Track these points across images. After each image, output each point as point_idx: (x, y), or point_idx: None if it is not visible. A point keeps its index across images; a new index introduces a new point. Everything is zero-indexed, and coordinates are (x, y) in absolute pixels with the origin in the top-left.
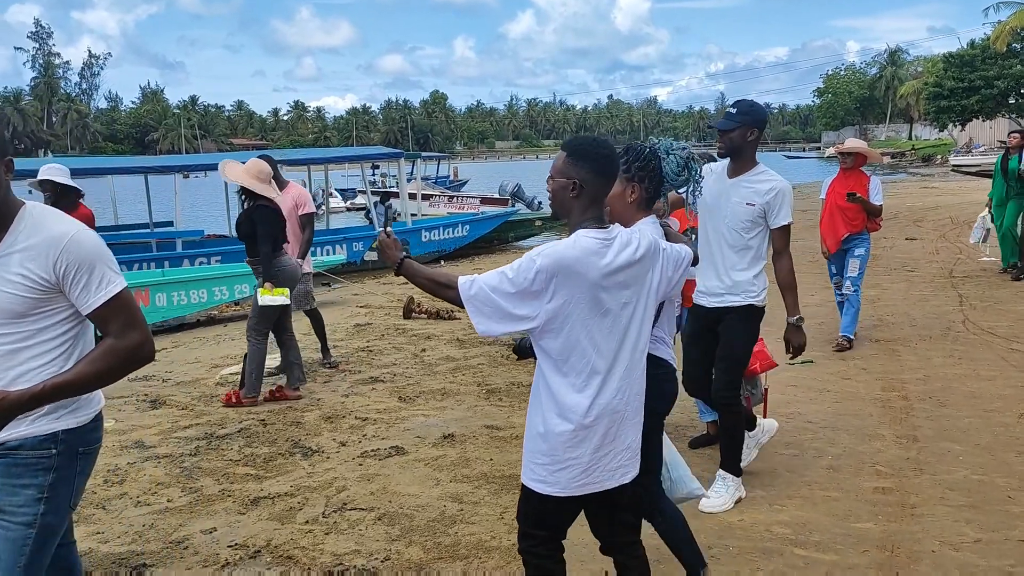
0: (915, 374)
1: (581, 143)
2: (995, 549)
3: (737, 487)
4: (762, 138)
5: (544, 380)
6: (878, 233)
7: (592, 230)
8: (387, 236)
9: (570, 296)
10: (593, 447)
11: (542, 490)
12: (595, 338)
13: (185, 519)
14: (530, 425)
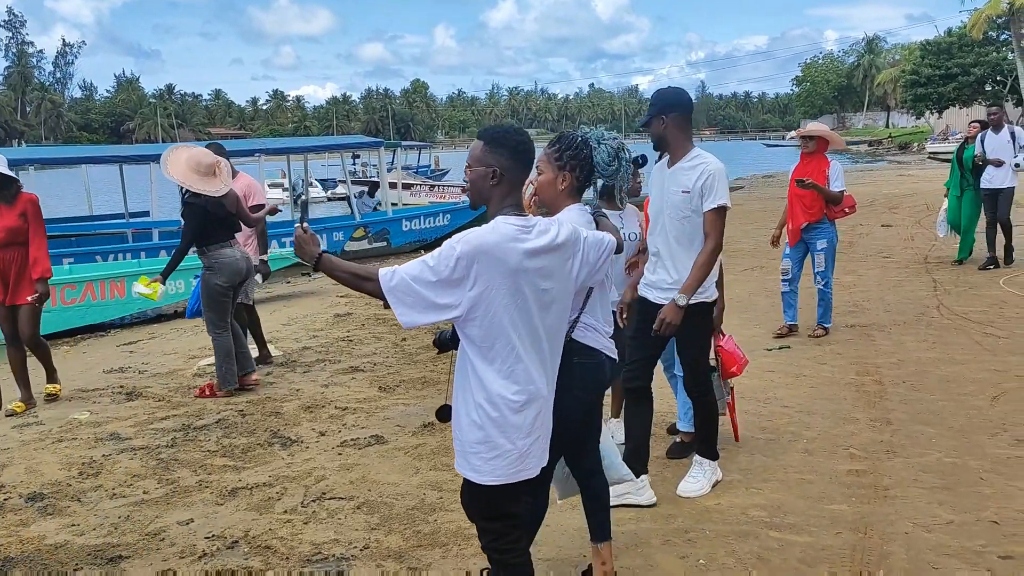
0: (889, 359)
1: (499, 132)
2: (967, 530)
3: (714, 471)
4: (688, 120)
5: (471, 369)
6: (854, 219)
7: (511, 217)
8: (304, 231)
9: (491, 282)
10: (525, 432)
11: (480, 480)
12: (518, 324)
13: (162, 511)
14: (461, 415)
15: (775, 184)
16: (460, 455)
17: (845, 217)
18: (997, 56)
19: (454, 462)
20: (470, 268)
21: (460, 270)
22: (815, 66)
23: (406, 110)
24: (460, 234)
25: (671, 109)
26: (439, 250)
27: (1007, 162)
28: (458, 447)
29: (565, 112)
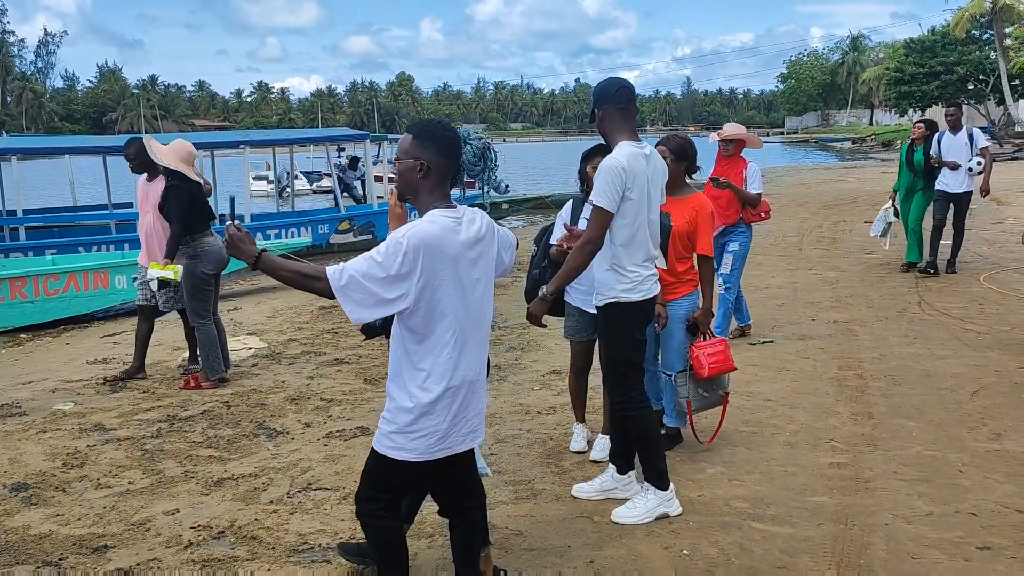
0: (871, 353)
1: (428, 126)
2: (946, 521)
3: (661, 502)
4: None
5: (406, 354)
6: (837, 216)
7: (444, 210)
8: (236, 229)
9: (434, 273)
10: (452, 415)
11: (398, 456)
12: (455, 311)
13: (147, 501)
14: (392, 398)
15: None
16: (383, 432)
17: (761, 222)
18: (980, 55)
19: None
20: (416, 261)
21: (408, 264)
22: (800, 63)
23: (391, 103)
24: (403, 228)
25: (602, 101)
26: (385, 245)
27: (963, 165)
28: (384, 427)
29: (551, 107)
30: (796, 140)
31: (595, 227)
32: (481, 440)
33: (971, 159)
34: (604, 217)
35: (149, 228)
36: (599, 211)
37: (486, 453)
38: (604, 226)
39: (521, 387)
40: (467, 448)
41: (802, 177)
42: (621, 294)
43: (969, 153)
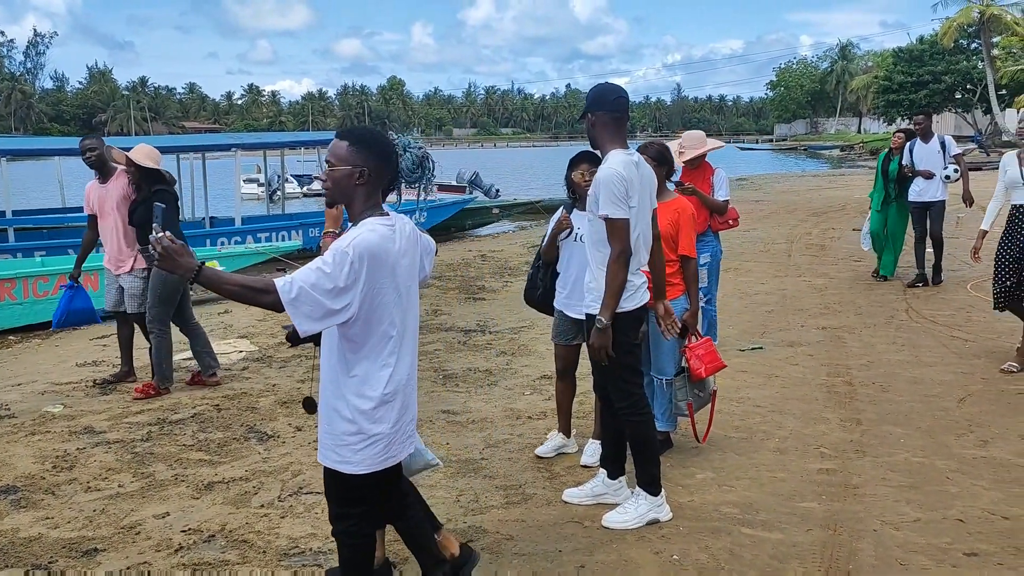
0: (859, 360)
1: (365, 132)
2: (933, 528)
3: (652, 507)
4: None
5: (344, 363)
6: (827, 223)
7: (379, 218)
8: (170, 241)
9: (375, 282)
10: (393, 420)
11: (349, 470)
12: (393, 318)
13: (137, 504)
14: (331, 409)
15: (748, 187)
16: (328, 448)
17: (730, 229)
18: (967, 64)
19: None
20: (361, 271)
21: (353, 274)
22: (789, 71)
23: (382, 107)
24: (346, 238)
25: (598, 107)
26: (331, 256)
27: (937, 174)
28: (326, 440)
29: (541, 112)
30: (785, 147)
31: (620, 238)
32: (416, 444)
33: (946, 167)
34: (623, 225)
35: (113, 231)
36: (616, 222)
37: (476, 457)
38: (626, 234)
39: (512, 392)
40: (407, 454)
41: (791, 184)
42: (623, 303)
43: (942, 161)
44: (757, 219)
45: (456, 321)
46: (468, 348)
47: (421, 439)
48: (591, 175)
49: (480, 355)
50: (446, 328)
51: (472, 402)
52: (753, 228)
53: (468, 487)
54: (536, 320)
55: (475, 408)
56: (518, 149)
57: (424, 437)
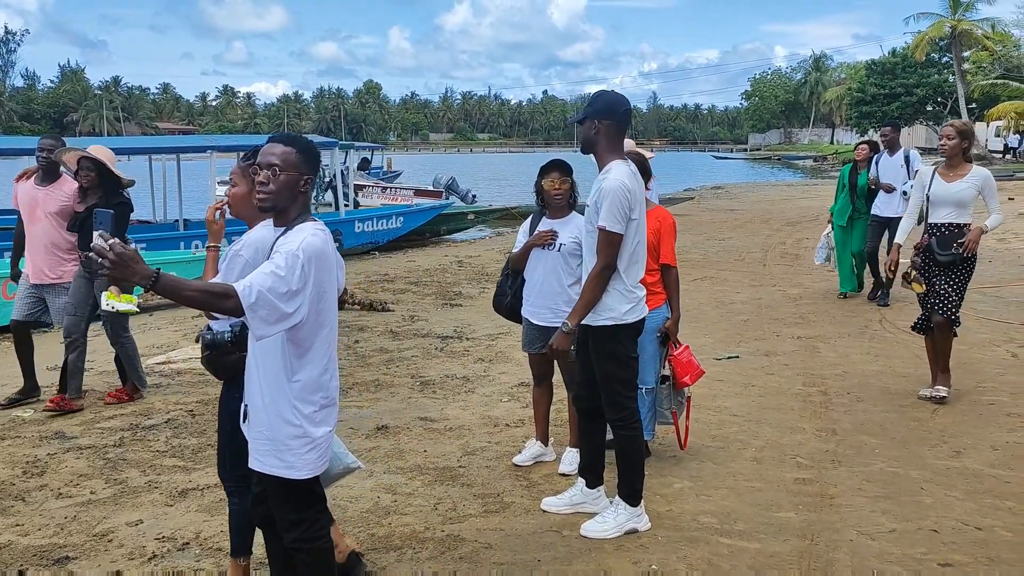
0: (834, 370)
1: (308, 141)
2: (908, 538)
3: (630, 518)
4: (620, 131)
5: (288, 368)
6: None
7: (315, 223)
8: (124, 248)
9: (321, 284)
10: (330, 423)
11: (295, 475)
12: (331, 323)
13: (110, 511)
14: (274, 415)
15: (724, 196)
16: (268, 455)
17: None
18: (939, 78)
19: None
20: (310, 273)
21: (304, 276)
22: (764, 81)
23: (359, 111)
24: (294, 241)
25: (606, 115)
26: (284, 260)
27: (898, 188)
28: (267, 447)
29: (518, 118)
30: (760, 157)
31: (609, 252)
32: (334, 448)
33: (907, 182)
34: (616, 240)
35: (43, 237)
36: (611, 235)
37: (454, 465)
38: (616, 249)
39: (490, 399)
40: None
41: (766, 193)
42: (625, 316)
43: (905, 175)
44: (732, 228)
45: (433, 327)
46: (445, 354)
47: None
48: (562, 183)
49: (457, 362)
50: (423, 334)
51: (449, 409)
52: (728, 237)
53: (446, 495)
54: (513, 327)
55: (452, 415)
56: (495, 154)
57: (401, 444)
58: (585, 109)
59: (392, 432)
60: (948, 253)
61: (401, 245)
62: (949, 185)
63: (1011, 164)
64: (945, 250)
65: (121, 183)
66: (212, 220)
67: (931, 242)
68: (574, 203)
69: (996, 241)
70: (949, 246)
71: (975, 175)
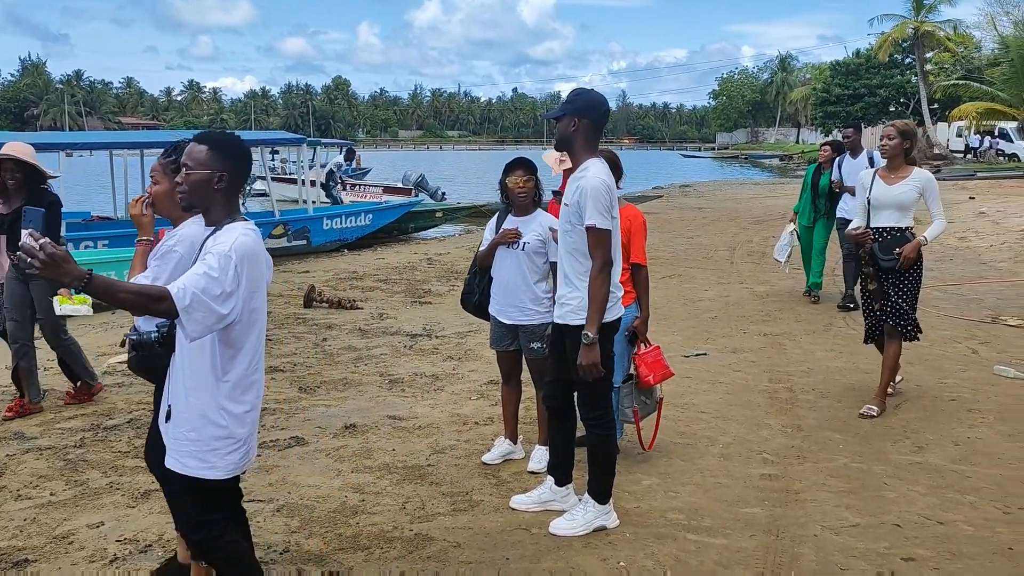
0: (800, 367)
1: (223, 137)
2: (871, 532)
3: (599, 515)
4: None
5: (217, 368)
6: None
7: (245, 222)
8: (54, 248)
9: (253, 284)
10: (251, 422)
11: (216, 475)
12: (262, 322)
13: (70, 513)
14: (199, 416)
15: (692, 194)
16: (189, 455)
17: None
18: (902, 79)
19: (168, 461)
20: (243, 273)
21: (237, 277)
22: (731, 81)
23: (327, 107)
24: (226, 241)
25: (586, 114)
26: (217, 261)
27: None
28: (188, 447)
29: (488, 115)
30: (727, 156)
31: (603, 250)
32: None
33: None
34: (607, 236)
35: None
36: (601, 232)
37: (423, 463)
38: (609, 245)
39: (459, 397)
40: (254, 457)
41: (733, 192)
42: (604, 315)
43: None
44: (700, 226)
45: (402, 325)
46: (414, 352)
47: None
48: (526, 181)
49: (426, 359)
50: (392, 332)
51: (418, 407)
52: (697, 235)
53: (414, 494)
54: (483, 325)
55: (421, 413)
56: (464, 152)
57: (369, 443)
58: (564, 106)
59: (360, 431)
60: (890, 258)
61: (370, 243)
62: (890, 188)
63: (972, 164)
64: (887, 255)
65: (45, 178)
66: (140, 214)
67: (873, 247)
68: (539, 201)
69: (957, 240)
70: (891, 250)
71: (916, 177)
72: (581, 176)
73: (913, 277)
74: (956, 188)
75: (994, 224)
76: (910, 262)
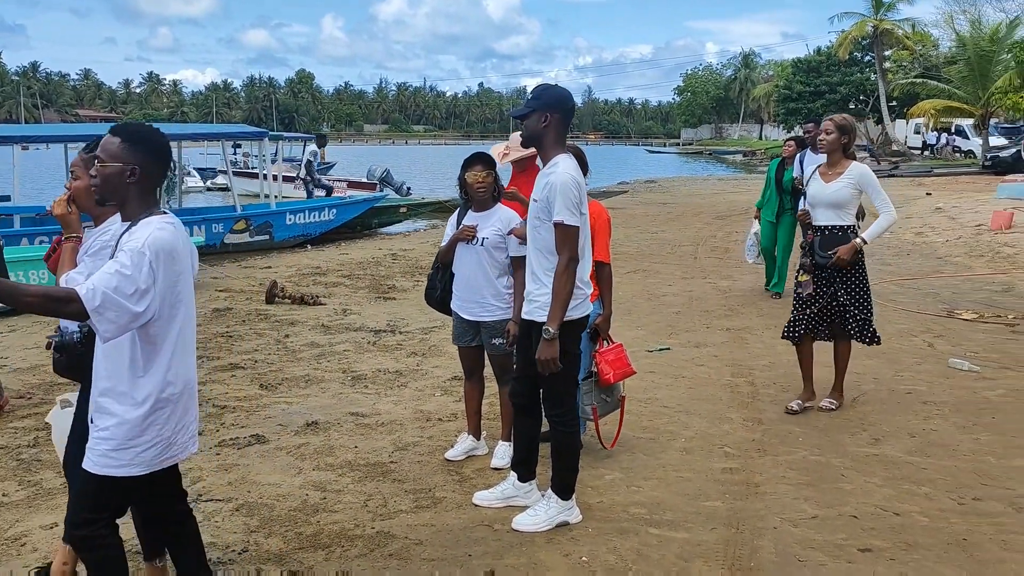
0: (761, 361)
1: (138, 129)
2: (830, 524)
3: (562, 511)
4: (566, 125)
5: (132, 364)
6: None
7: (162, 216)
8: None
9: (171, 280)
10: (176, 419)
11: (125, 472)
12: (183, 318)
13: (23, 514)
14: (112, 413)
15: (657, 190)
16: (99, 454)
17: None
18: (861, 76)
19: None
20: (158, 270)
21: (152, 274)
22: (696, 77)
23: (291, 100)
24: (139, 238)
25: (556, 108)
26: (130, 258)
27: None
28: (101, 446)
29: (454, 110)
30: (692, 151)
31: (571, 246)
32: (196, 447)
33: None
34: (575, 233)
35: None
36: (569, 228)
37: (385, 460)
38: (576, 242)
39: (422, 393)
40: (189, 454)
41: (697, 187)
42: (571, 312)
43: None
44: (665, 221)
45: (366, 321)
46: (378, 348)
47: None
48: (485, 176)
49: (390, 356)
50: (355, 328)
51: (381, 404)
52: (661, 230)
53: (376, 491)
54: (447, 320)
55: (384, 410)
56: (430, 147)
57: (331, 440)
58: (531, 102)
59: (322, 428)
60: (828, 256)
61: (334, 238)
62: (826, 186)
63: (929, 160)
64: (826, 251)
65: None
66: (65, 212)
67: (814, 240)
68: (498, 196)
69: (914, 235)
70: (828, 248)
71: (851, 172)
72: (551, 172)
73: (859, 278)
74: (913, 184)
75: (950, 220)
76: (844, 264)
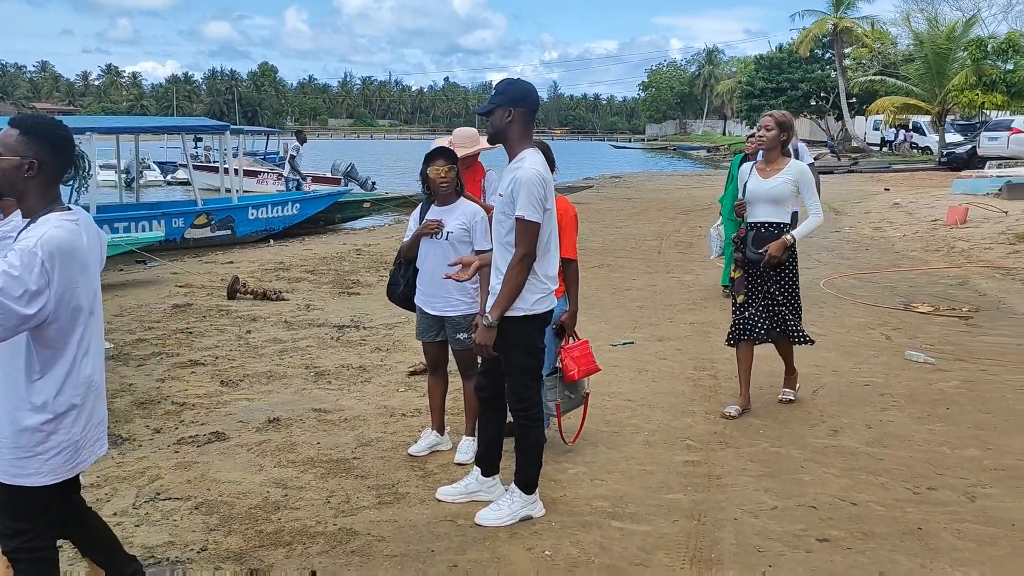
0: (723, 354)
1: (37, 121)
2: (789, 515)
3: (525, 505)
4: (531, 119)
5: (31, 368)
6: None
7: (62, 213)
8: None
9: (67, 281)
10: (83, 424)
11: (36, 482)
12: (85, 319)
13: None
14: (13, 421)
15: (622, 185)
16: (10, 463)
17: None
18: (822, 73)
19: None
20: (53, 271)
21: (45, 275)
22: (660, 73)
23: (253, 94)
24: (34, 236)
25: (520, 103)
26: (19, 259)
27: None
28: (10, 456)
29: (419, 105)
30: (657, 147)
31: (529, 242)
32: (106, 449)
33: None
34: (534, 229)
35: None
36: (529, 224)
37: (348, 456)
38: (535, 239)
39: (386, 389)
40: (96, 458)
41: (662, 183)
42: (534, 306)
43: None
44: (629, 216)
45: (329, 316)
46: (341, 344)
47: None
48: (447, 171)
49: (353, 351)
50: (318, 323)
51: (344, 400)
52: (626, 225)
53: (339, 488)
54: (411, 316)
55: (348, 406)
56: (395, 141)
57: (294, 437)
58: (495, 97)
59: (284, 424)
60: (759, 252)
61: (298, 233)
62: (764, 182)
63: (888, 156)
64: (757, 248)
65: None
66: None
67: (748, 235)
68: (461, 190)
69: (872, 230)
70: (763, 245)
71: (789, 170)
72: (517, 167)
73: (790, 276)
74: (872, 180)
75: (907, 215)
76: (775, 260)
